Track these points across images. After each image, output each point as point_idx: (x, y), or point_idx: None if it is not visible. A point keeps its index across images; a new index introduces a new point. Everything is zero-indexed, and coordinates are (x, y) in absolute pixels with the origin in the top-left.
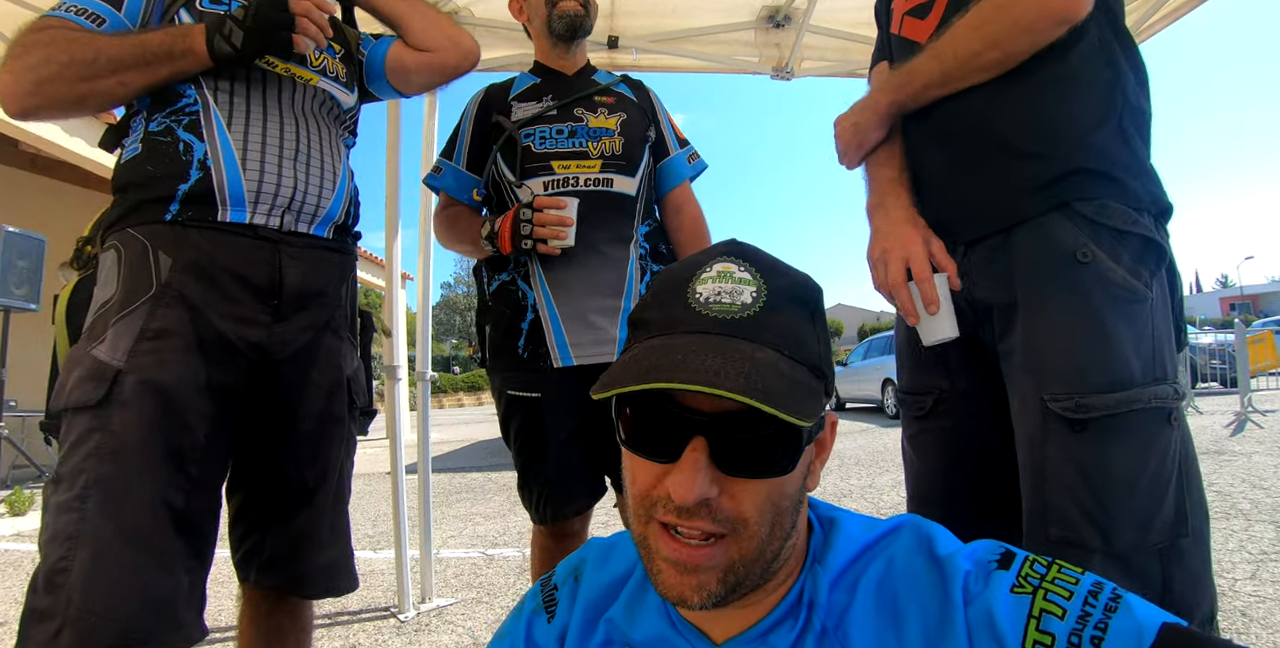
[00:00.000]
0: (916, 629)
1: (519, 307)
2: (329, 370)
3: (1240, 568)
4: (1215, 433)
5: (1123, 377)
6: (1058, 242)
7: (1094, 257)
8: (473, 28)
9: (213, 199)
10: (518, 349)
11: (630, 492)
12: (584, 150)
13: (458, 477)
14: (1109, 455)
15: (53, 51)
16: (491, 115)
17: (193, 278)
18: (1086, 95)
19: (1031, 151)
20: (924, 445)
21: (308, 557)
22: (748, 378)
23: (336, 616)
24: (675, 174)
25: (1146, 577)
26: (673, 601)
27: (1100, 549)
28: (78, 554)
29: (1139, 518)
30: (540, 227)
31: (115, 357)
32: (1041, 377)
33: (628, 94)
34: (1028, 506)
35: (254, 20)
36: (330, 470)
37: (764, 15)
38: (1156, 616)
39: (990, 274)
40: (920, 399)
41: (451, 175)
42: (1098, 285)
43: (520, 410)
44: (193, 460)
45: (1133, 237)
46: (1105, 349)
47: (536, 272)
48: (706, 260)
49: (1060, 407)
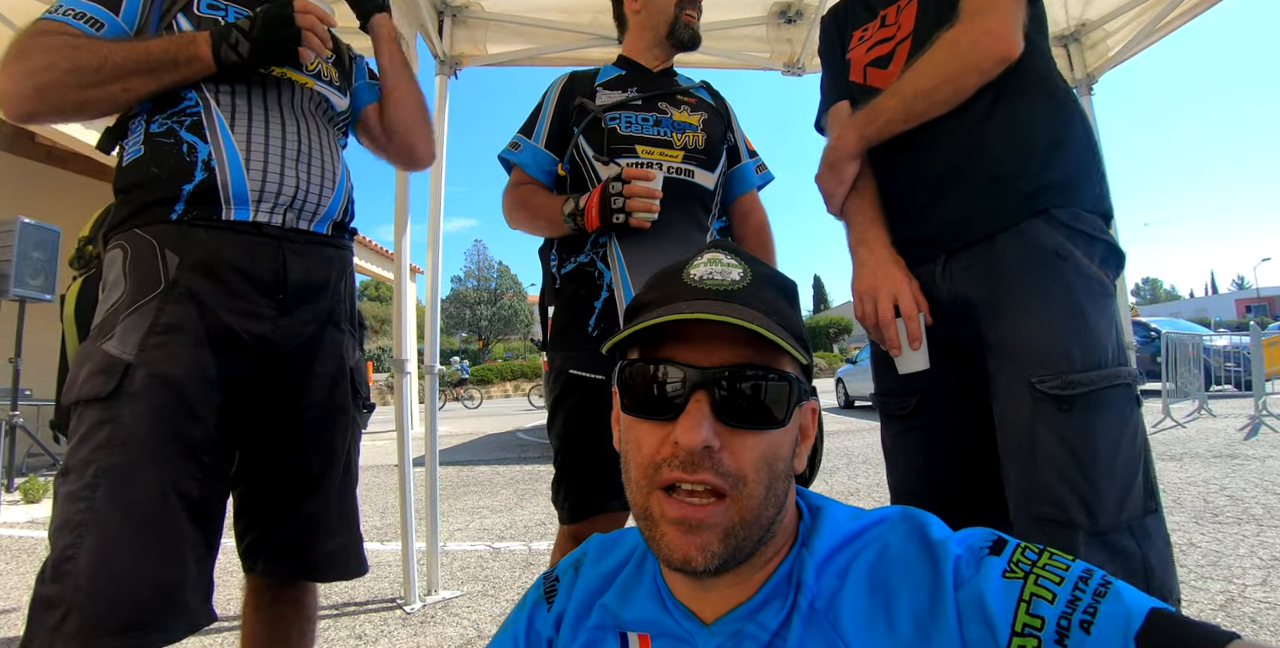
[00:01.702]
0: (907, 612)
1: (594, 286)
2: (332, 361)
3: (1251, 574)
4: (1229, 436)
5: (1101, 357)
6: (1040, 242)
7: (1071, 254)
8: (483, 22)
9: (217, 198)
10: (588, 328)
11: (635, 461)
12: (668, 139)
13: (465, 470)
14: (1093, 431)
15: (55, 57)
16: (575, 98)
17: (200, 275)
18: (1047, 116)
19: (1009, 171)
20: (909, 443)
21: (316, 543)
22: (742, 318)
23: (343, 606)
24: (745, 181)
25: (1128, 556)
26: (677, 564)
27: (1084, 526)
28: (85, 542)
29: (1118, 493)
30: (631, 198)
31: (125, 351)
32: (1030, 360)
33: (706, 98)
34: (1015, 487)
35: (261, 32)
36: (336, 458)
37: (775, 11)
38: (1144, 601)
39: (972, 275)
40: (904, 400)
41: (530, 152)
42: (1077, 278)
43: (578, 390)
44: (202, 450)
45: (1100, 242)
46: (1086, 332)
47: (616, 253)
48: (697, 253)
49: (1049, 386)
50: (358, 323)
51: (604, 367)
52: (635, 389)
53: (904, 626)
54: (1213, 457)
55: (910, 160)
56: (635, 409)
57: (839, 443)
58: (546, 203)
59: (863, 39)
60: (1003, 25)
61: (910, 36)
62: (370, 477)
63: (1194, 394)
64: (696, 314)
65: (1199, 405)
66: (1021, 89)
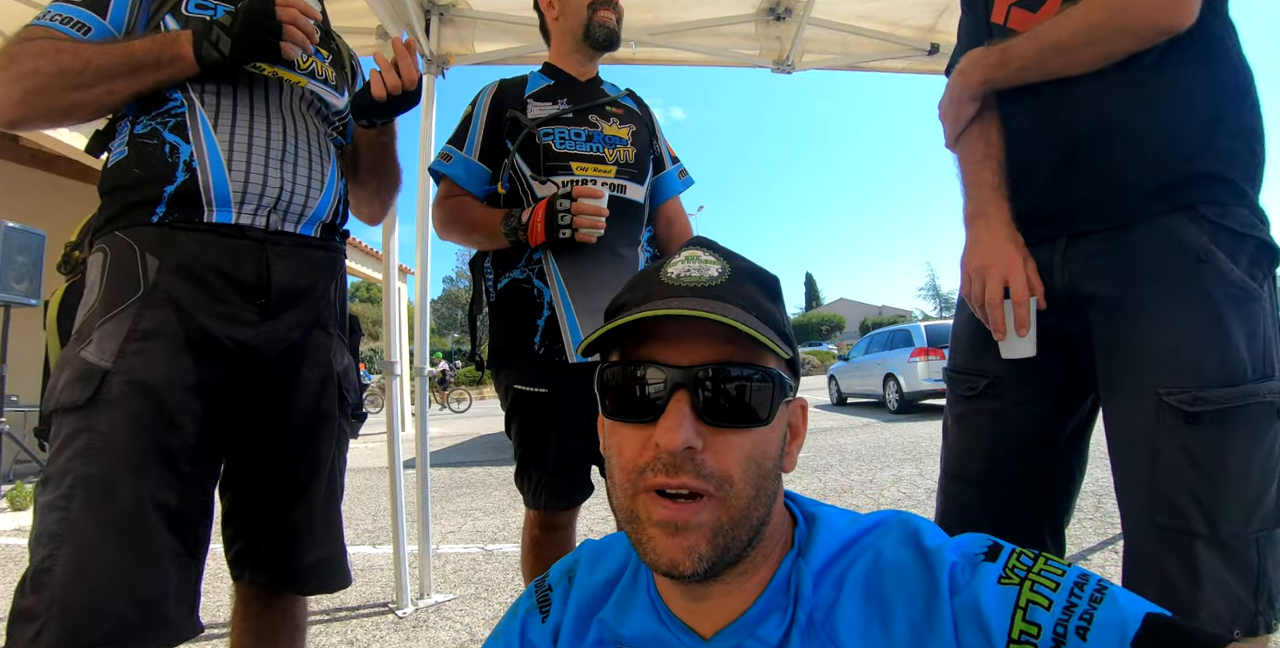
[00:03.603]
0: (903, 621)
1: (534, 304)
2: (318, 367)
3: None
4: None
5: (1238, 373)
6: (1180, 241)
7: (1213, 257)
8: (470, 21)
9: (198, 200)
10: (533, 346)
11: (618, 466)
12: (601, 155)
13: (458, 472)
14: (1221, 447)
15: (40, 62)
16: (506, 109)
17: (180, 279)
18: (1209, 96)
19: (1156, 151)
20: (969, 426)
21: (301, 553)
22: (720, 314)
23: (335, 611)
24: (669, 188)
25: (1244, 562)
26: (664, 568)
27: (1204, 535)
28: (62, 554)
29: (1245, 507)
30: (579, 216)
31: (103, 358)
32: (1157, 370)
33: (634, 108)
34: (1131, 497)
35: (241, 27)
36: (321, 466)
37: (764, 8)
38: (1141, 606)
39: (1097, 268)
40: (972, 380)
41: (462, 164)
42: (1217, 284)
43: (525, 405)
44: (182, 459)
45: (1250, 239)
46: (1223, 346)
47: (553, 270)
48: (675, 252)
49: (1176, 400)
50: (350, 328)
51: (546, 380)
52: (615, 392)
53: (900, 633)
54: None
55: (1043, 119)
56: (616, 413)
57: (832, 440)
58: (484, 217)
59: None
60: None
61: None
62: (362, 479)
63: None
64: (670, 310)
65: None
66: (1190, 50)
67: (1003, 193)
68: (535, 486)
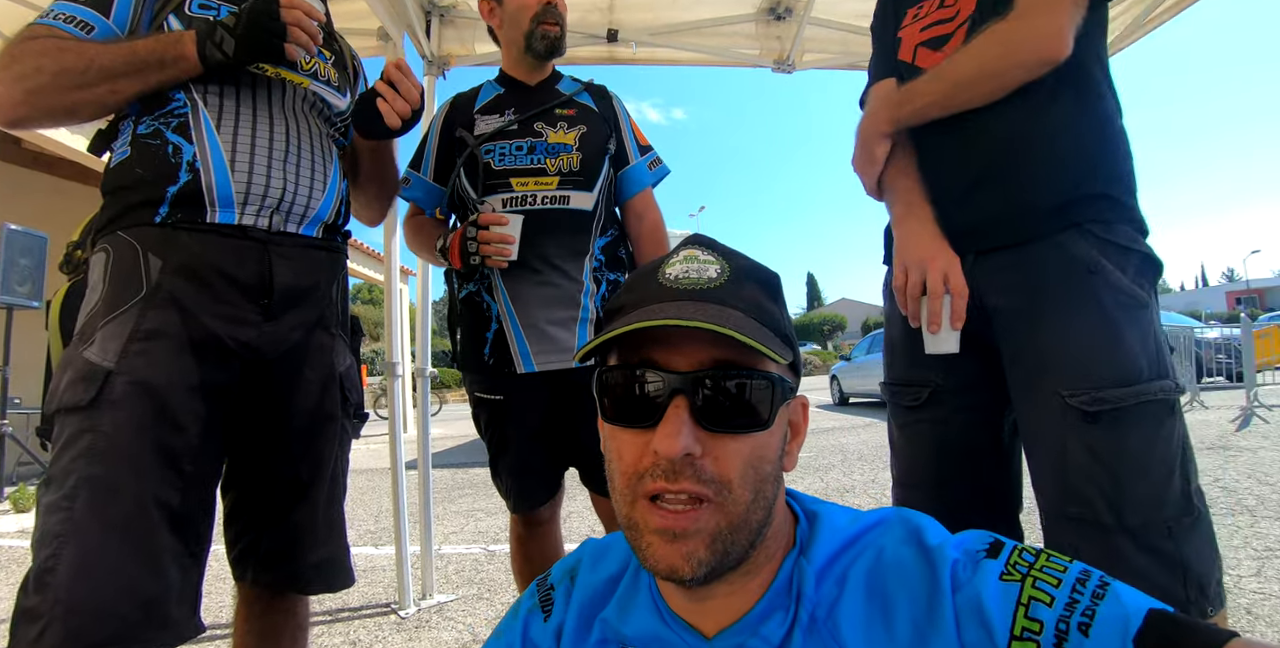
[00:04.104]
0: (905, 618)
1: (484, 317)
2: (320, 368)
3: (1245, 565)
4: (1221, 428)
5: (1132, 373)
6: (1073, 256)
7: (1102, 268)
8: (471, 22)
9: (201, 201)
10: (483, 356)
11: (618, 471)
12: (542, 167)
13: (460, 472)
14: (1122, 442)
15: (43, 61)
16: (455, 128)
17: (183, 279)
18: (1092, 122)
19: (1050, 175)
20: (914, 435)
21: (304, 553)
22: (717, 319)
23: (338, 612)
24: (635, 182)
25: (1161, 551)
26: (664, 574)
27: (1112, 525)
28: (65, 554)
29: (1149, 497)
30: (485, 244)
31: (106, 358)
32: (1059, 375)
33: (590, 104)
34: (1048, 493)
35: (245, 28)
36: (324, 467)
37: (764, 8)
38: (1143, 602)
39: (1001, 283)
40: (916, 391)
41: (421, 187)
42: (1107, 293)
43: (486, 410)
44: (185, 459)
45: (1135, 252)
46: (1116, 349)
47: (499, 285)
48: (674, 251)
49: (1078, 401)
50: (351, 329)
51: (500, 388)
52: (614, 396)
53: (902, 631)
54: (1205, 448)
55: (950, 146)
56: (615, 417)
57: (834, 440)
58: (429, 237)
59: (917, 17)
60: (1056, 24)
61: (970, 20)
62: (364, 480)
63: (1186, 386)
64: (665, 321)
65: (1191, 398)
66: (1071, 89)
67: (923, 194)
68: (504, 488)
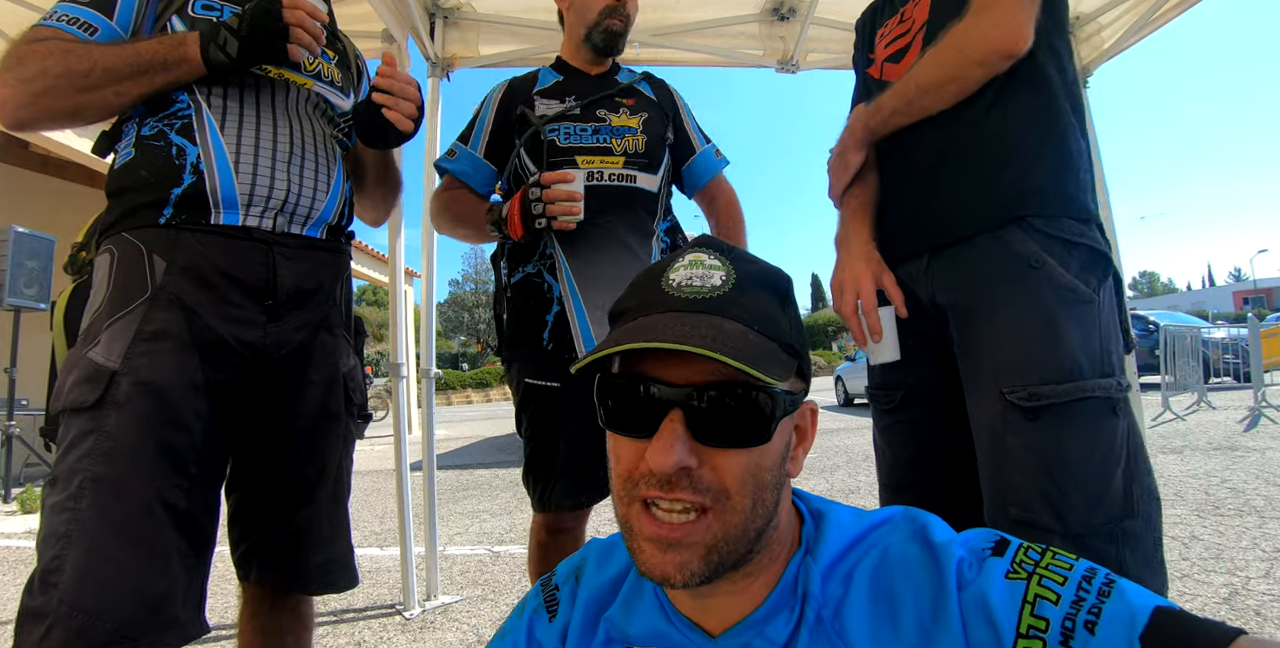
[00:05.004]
0: (911, 617)
1: (544, 299)
2: (325, 368)
3: (1254, 566)
4: (1229, 429)
5: (1071, 369)
6: (1013, 250)
7: (1044, 263)
8: (475, 23)
9: (205, 202)
10: (542, 341)
11: (614, 472)
12: (608, 146)
13: (465, 473)
14: (1060, 441)
15: (48, 63)
16: (515, 107)
17: (187, 280)
18: (1037, 119)
19: (992, 172)
20: (895, 436)
21: (308, 553)
22: (712, 340)
23: (342, 613)
24: (709, 167)
25: (1103, 558)
26: (656, 580)
27: (1056, 530)
28: (70, 554)
29: (1088, 498)
30: (551, 203)
31: (110, 359)
32: (998, 370)
33: (648, 93)
34: (989, 490)
35: (248, 29)
36: (329, 466)
37: (768, 8)
38: (1149, 599)
39: (950, 279)
40: (890, 394)
41: (468, 160)
42: (1047, 287)
43: (536, 399)
44: (190, 459)
45: (1081, 247)
46: (1055, 344)
47: (562, 264)
48: (680, 253)
49: (1016, 397)
50: (355, 329)
51: (559, 374)
52: (612, 404)
53: (908, 629)
54: (1213, 449)
55: (908, 151)
56: (613, 424)
57: (839, 441)
58: (471, 210)
59: (884, 35)
60: (1012, 18)
61: (924, 29)
62: (370, 482)
63: (1193, 387)
64: (657, 344)
65: (1198, 398)
66: (1021, 86)
67: (863, 218)
68: (545, 483)
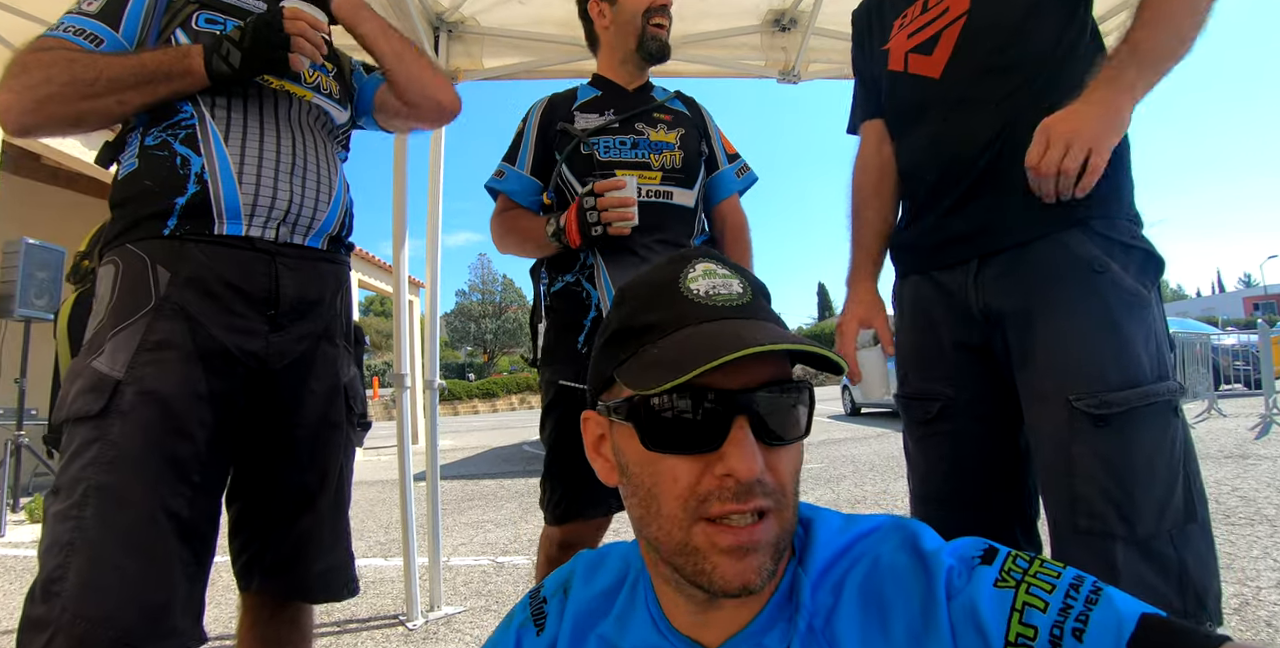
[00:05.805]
0: (901, 626)
1: (582, 306)
2: (326, 378)
3: (1265, 576)
4: (1239, 436)
5: (1137, 374)
6: (1076, 254)
7: (1108, 267)
8: (479, 37)
9: (209, 212)
10: (577, 344)
11: (670, 494)
12: (646, 161)
13: (470, 484)
14: (1129, 448)
15: (53, 71)
16: (555, 123)
17: (191, 291)
18: None
19: None
20: (931, 448)
21: (309, 562)
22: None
23: (345, 624)
24: (724, 187)
25: (1165, 561)
26: (734, 591)
27: (1124, 536)
28: (73, 562)
29: (1157, 503)
30: (605, 211)
31: (115, 368)
32: (1064, 378)
33: (682, 110)
34: (1055, 502)
35: (250, 41)
36: (330, 476)
37: (769, 19)
38: (1136, 607)
39: (1004, 284)
40: (926, 405)
41: (516, 180)
42: (1112, 292)
43: (566, 401)
44: (193, 469)
45: (1137, 250)
46: (1122, 350)
47: (601, 274)
48: (685, 264)
49: (1084, 405)
50: (355, 339)
51: None
52: (666, 423)
53: (898, 638)
54: (1223, 457)
55: (947, 146)
56: (668, 445)
57: (845, 450)
58: (532, 226)
59: (903, 26)
60: None
61: (963, 18)
62: (374, 492)
63: (1203, 394)
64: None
65: (1208, 405)
66: (1073, 84)
67: (872, 259)
68: (563, 491)
